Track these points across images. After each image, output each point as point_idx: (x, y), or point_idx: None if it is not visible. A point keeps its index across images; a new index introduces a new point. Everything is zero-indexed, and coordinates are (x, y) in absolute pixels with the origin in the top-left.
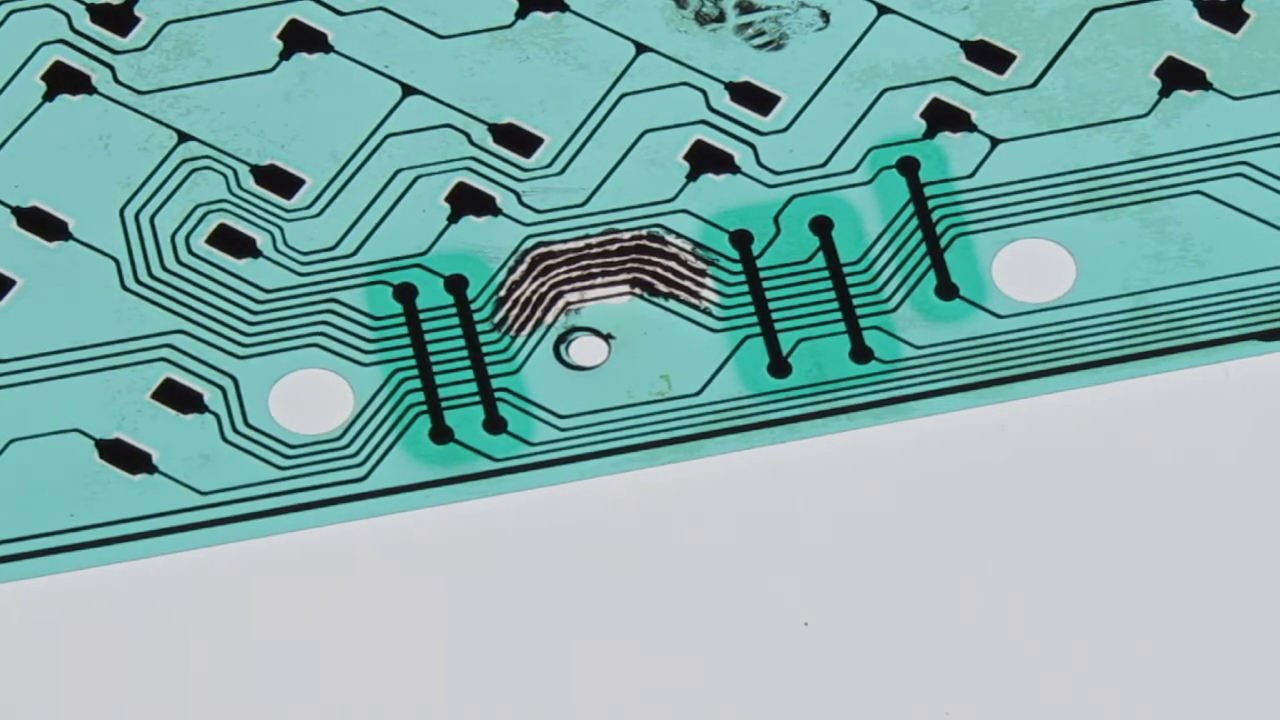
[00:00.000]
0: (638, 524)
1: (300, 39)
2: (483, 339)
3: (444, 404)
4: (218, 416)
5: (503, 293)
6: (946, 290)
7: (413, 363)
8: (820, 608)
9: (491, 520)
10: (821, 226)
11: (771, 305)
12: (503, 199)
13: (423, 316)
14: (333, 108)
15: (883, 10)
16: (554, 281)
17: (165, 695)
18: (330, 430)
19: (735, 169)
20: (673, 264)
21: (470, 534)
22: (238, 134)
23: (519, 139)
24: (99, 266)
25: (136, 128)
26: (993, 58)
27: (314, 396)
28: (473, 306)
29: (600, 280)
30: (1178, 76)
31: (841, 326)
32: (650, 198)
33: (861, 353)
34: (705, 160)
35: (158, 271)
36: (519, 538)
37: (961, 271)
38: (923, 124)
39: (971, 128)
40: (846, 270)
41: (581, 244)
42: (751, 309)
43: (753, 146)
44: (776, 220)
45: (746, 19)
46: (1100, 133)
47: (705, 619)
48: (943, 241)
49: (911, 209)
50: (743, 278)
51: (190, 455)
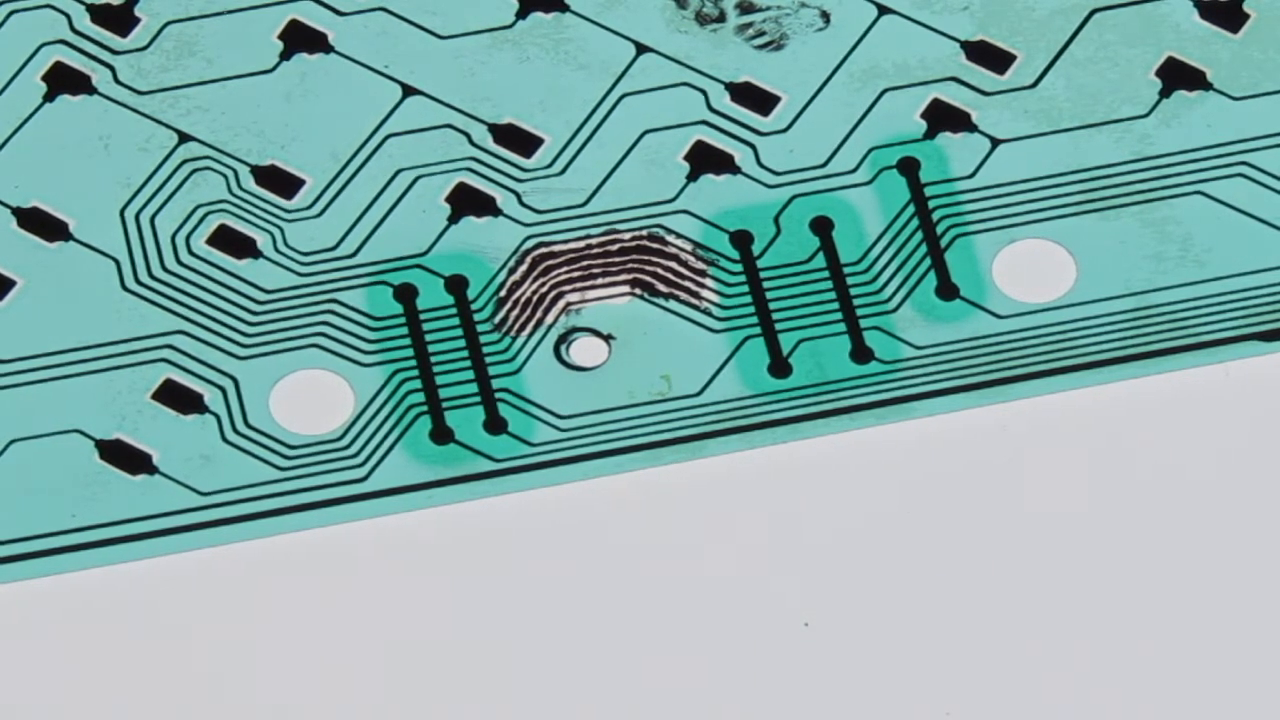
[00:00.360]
0: (639, 524)
1: (300, 39)
2: (483, 339)
3: (444, 404)
4: (218, 417)
5: (503, 293)
6: (947, 290)
7: (413, 363)
8: (820, 608)
9: (492, 521)
10: (822, 227)
11: (772, 306)
12: (503, 199)
13: (423, 317)
14: (333, 108)
15: (883, 10)
16: (554, 282)
17: (166, 695)
18: (331, 431)
19: (736, 169)
20: (673, 264)
21: (471, 534)
22: (238, 134)
23: (519, 139)
24: (99, 267)
25: (137, 128)
26: (993, 58)
27: (314, 397)
28: (473, 307)
29: (601, 281)
30: (1178, 77)
31: (842, 327)
32: (651, 198)
33: (862, 353)
34: (706, 160)
35: (158, 272)
36: (520, 538)
37: (962, 272)
38: (923, 124)
39: (972, 128)
40: (847, 270)
41: (582, 244)
42: (752, 309)
43: (753, 147)
44: (777, 220)
45: (747, 19)
46: (1101, 133)
47: (706, 619)
48: (943, 242)
49: (912, 209)
50: (743, 278)
51: (191, 456)
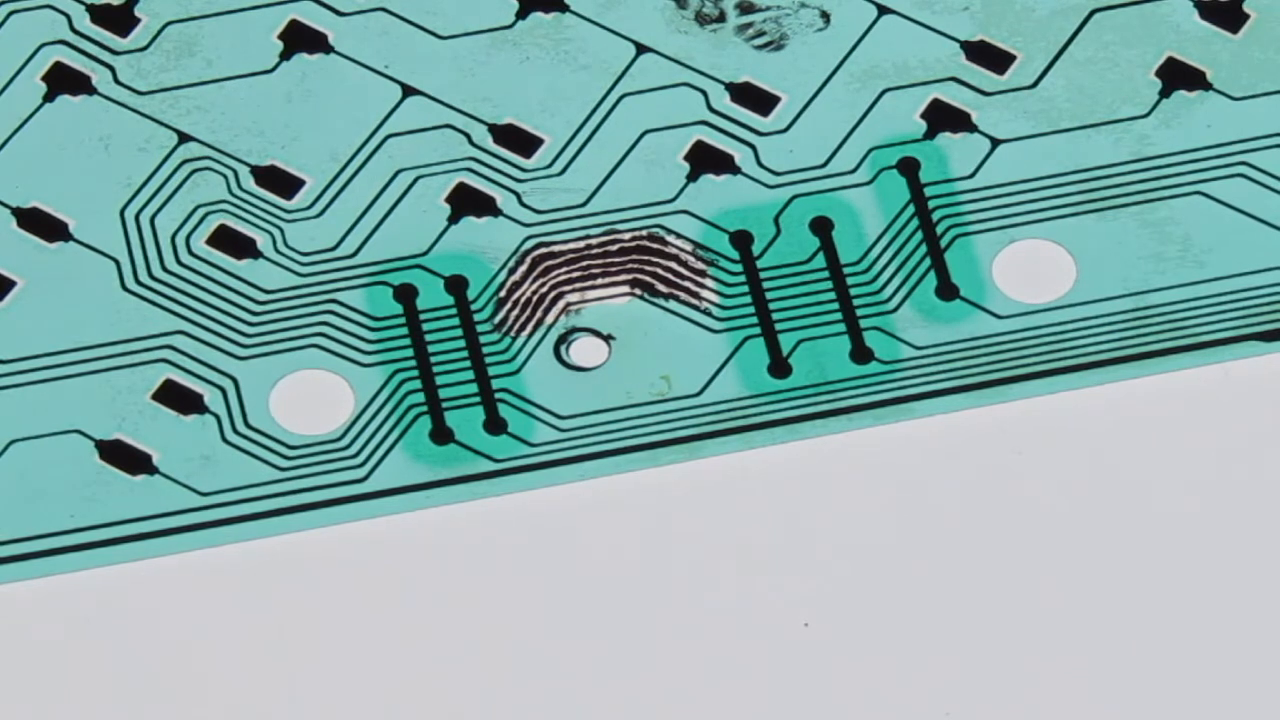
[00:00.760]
0: (638, 524)
1: (301, 39)
2: (483, 339)
3: (444, 405)
4: (218, 417)
5: (503, 293)
6: (947, 291)
7: (413, 363)
8: (820, 608)
9: (492, 521)
10: (822, 227)
11: (772, 306)
12: (503, 199)
13: (423, 317)
14: (333, 108)
15: (883, 10)
16: (554, 282)
17: (166, 696)
18: (331, 431)
19: (735, 169)
20: (673, 264)
21: (471, 535)
22: (238, 134)
23: (519, 139)
24: (99, 267)
25: (137, 128)
26: (993, 58)
27: (314, 397)
28: (473, 307)
29: (601, 281)
30: (1178, 77)
31: (842, 327)
32: (650, 198)
33: (862, 353)
34: (705, 161)
35: (158, 272)
36: (520, 538)
37: (962, 272)
38: (923, 124)
39: (972, 128)
40: (847, 271)
41: (582, 244)
42: (752, 310)
43: (753, 147)
44: (777, 221)
45: (747, 19)
46: (1100, 133)
47: (706, 619)
48: (943, 242)
49: (912, 209)
50: (743, 278)
51: (191, 456)
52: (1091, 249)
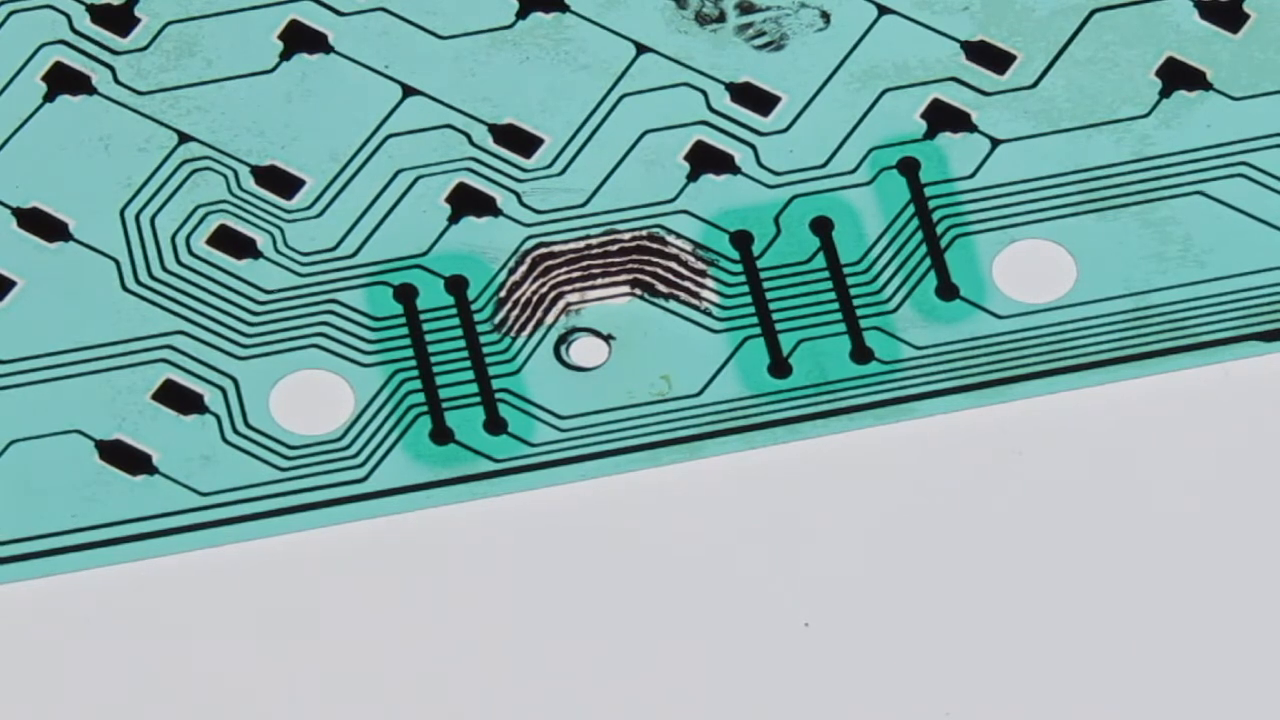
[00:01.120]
0: (639, 525)
1: (301, 39)
2: (483, 340)
3: (444, 405)
4: (218, 417)
5: (503, 293)
6: (947, 291)
7: (413, 363)
8: (820, 608)
9: (492, 521)
10: (822, 227)
11: (772, 306)
12: (503, 199)
13: (423, 317)
14: (333, 108)
15: (883, 10)
16: (554, 282)
17: (166, 696)
18: (331, 431)
19: (736, 169)
20: (673, 264)
21: (471, 535)
22: (238, 134)
23: (519, 139)
24: (99, 267)
25: (137, 128)
26: (993, 58)
27: (314, 397)
28: (473, 307)
29: (601, 281)
30: (1178, 77)
31: (842, 327)
32: (650, 198)
33: (862, 353)
34: (705, 161)
35: (158, 272)
36: (520, 538)
37: (962, 272)
38: (923, 124)
39: (972, 128)
40: (847, 271)
41: (582, 244)
42: (752, 310)
43: (753, 147)
44: (777, 221)
45: (747, 19)
46: (1101, 133)
47: (706, 619)
48: (943, 242)
49: (912, 209)
50: (743, 278)
51: (191, 456)
52: (1092, 249)
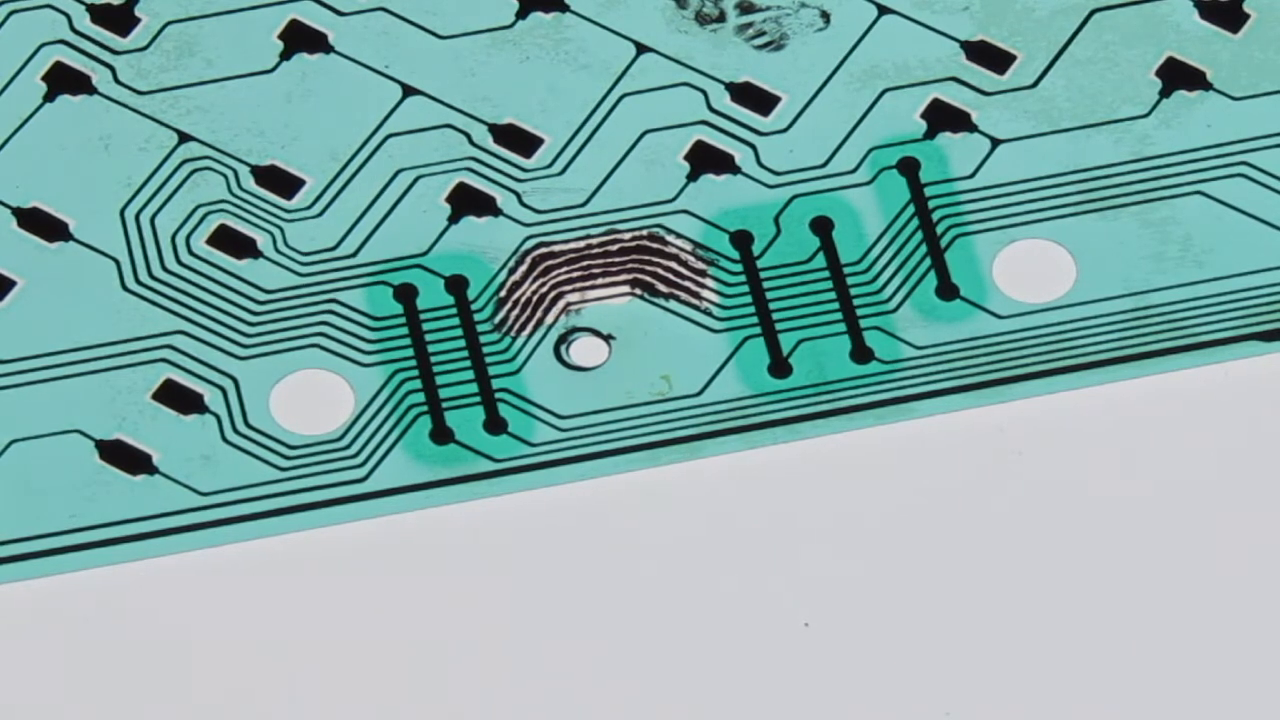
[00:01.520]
0: (639, 524)
1: (301, 39)
2: (483, 339)
3: (444, 404)
4: (218, 417)
5: (503, 293)
6: (947, 291)
7: (413, 363)
8: (820, 608)
9: (492, 521)
10: (822, 227)
11: (772, 306)
12: (503, 199)
13: (423, 317)
14: (333, 108)
15: (883, 10)
16: (554, 282)
17: (166, 696)
18: (331, 431)
19: (736, 169)
20: (673, 264)
21: (471, 535)
22: (238, 134)
23: (519, 139)
24: (99, 267)
25: (137, 128)
26: (993, 58)
27: (314, 397)
28: (473, 307)
29: (601, 281)
30: (1178, 77)
31: (842, 327)
32: (651, 198)
33: (862, 353)
34: (705, 160)
35: (158, 272)
36: (520, 538)
37: (962, 272)
38: (923, 124)
39: (972, 128)
40: (847, 271)
41: (582, 244)
42: (752, 309)
43: (753, 147)
44: (777, 221)
45: (747, 19)
46: (1101, 133)
47: (706, 619)
48: (943, 242)
49: (912, 209)
50: (743, 278)
51: (191, 456)
52: (1091, 249)
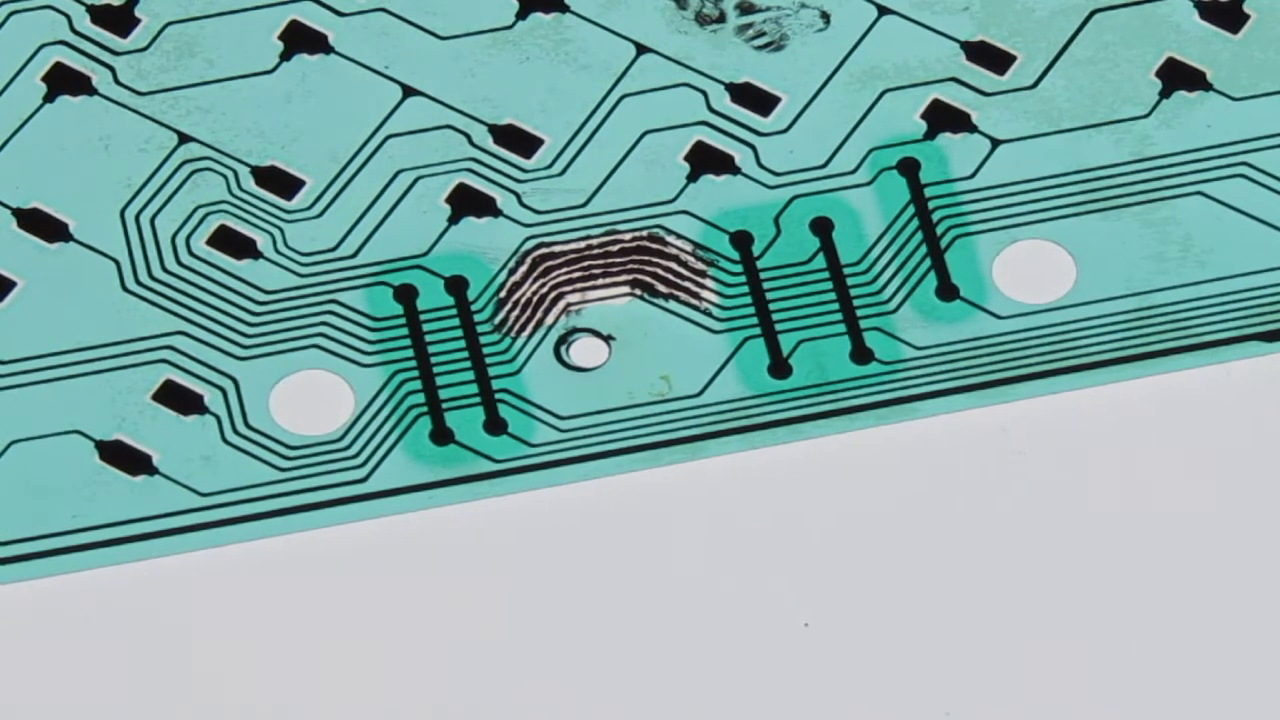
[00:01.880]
0: (639, 525)
1: (301, 40)
2: (483, 340)
3: (445, 405)
4: (218, 418)
5: (503, 294)
6: (947, 291)
7: (413, 364)
8: (820, 608)
9: (492, 521)
10: (822, 227)
11: (772, 306)
12: (503, 200)
13: (423, 317)
14: (333, 108)
15: (883, 11)
16: (554, 282)
17: (166, 696)
18: (331, 431)
19: (736, 170)
20: (673, 265)
21: (471, 535)
22: (238, 135)
23: (519, 140)
24: (99, 268)
25: (137, 129)
26: (993, 58)
27: (315, 398)
28: (473, 308)
29: (601, 281)
30: (1178, 77)
31: (842, 327)
32: (651, 199)
33: (862, 354)
34: (705, 161)
35: (158, 273)
36: (520, 539)
37: (962, 272)
38: (923, 125)
39: (972, 129)
40: (847, 271)
41: (582, 245)
42: (752, 310)
43: (753, 147)
44: (777, 221)
45: (747, 20)
46: (1101, 133)
47: (706, 619)
48: (943, 242)
49: (912, 210)
50: (743, 279)
51: (191, 456)
52: (1092, 249)
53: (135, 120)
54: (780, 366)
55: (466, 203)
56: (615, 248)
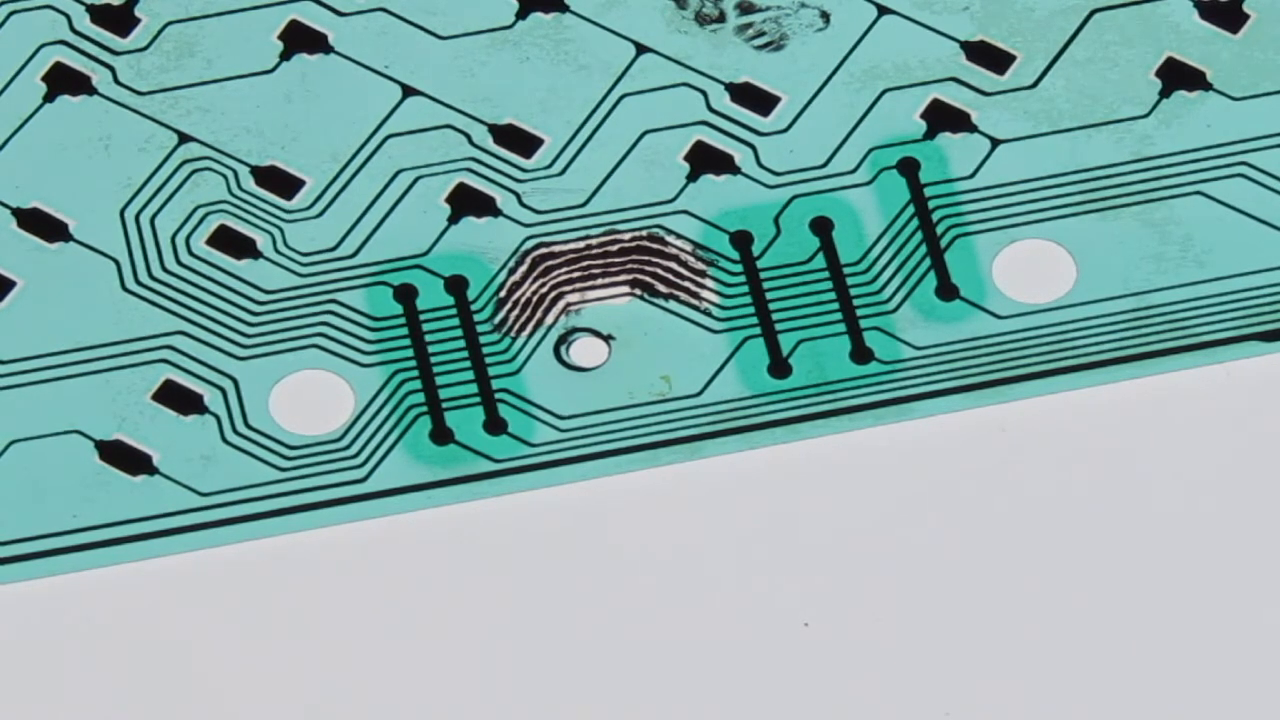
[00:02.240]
0: (639, 525)
1: (301, 39)
2: (483, 340)
3: (444, 405)
4: (218, 417)
5: (503, 293)
6: (947, 291)
7: (413, 364)
8: (820, 608)
9: (492, 521)
10: (822, 227)
11: (772, 306)
12: (503, 200)
13: (423, 317)
14: (333, 108)
15: (883, 11)
16: (554, 282)
17: (166, 696)
18: (331, 431)
19: (735, 170)
20: (673, 265)
21: (471, 535)
22: (238, 135)
23: (519, 140)
24: (99, 267)
25: (137, 129)
26: (993, 58)
27: (314, 397)
28: (473, 307)
29: (601, 281)
30: (1178, 77)
31: (842, 327)
32: (650, 198)
33: (862, 353)
34: (705, 161)
35: (158, 273)
36: (520, 539)
37: (962, 272)
38: (923, 124)
39: (972, 128)
40: (847, 271)
41: (582, 245)
42: (752, 310)
43: (753, 147)
44: (777, 221)
45: (747, 19)
46: (1101, 133)
47: (705, 619)
48: (943, 242)
49: (912, 210)
50: (743, 278)
51: (191, 456)
52: (1092, 249)
53: (135, 120)
54: (780, 366)
55: (466, 202)
56: (615, 247)
